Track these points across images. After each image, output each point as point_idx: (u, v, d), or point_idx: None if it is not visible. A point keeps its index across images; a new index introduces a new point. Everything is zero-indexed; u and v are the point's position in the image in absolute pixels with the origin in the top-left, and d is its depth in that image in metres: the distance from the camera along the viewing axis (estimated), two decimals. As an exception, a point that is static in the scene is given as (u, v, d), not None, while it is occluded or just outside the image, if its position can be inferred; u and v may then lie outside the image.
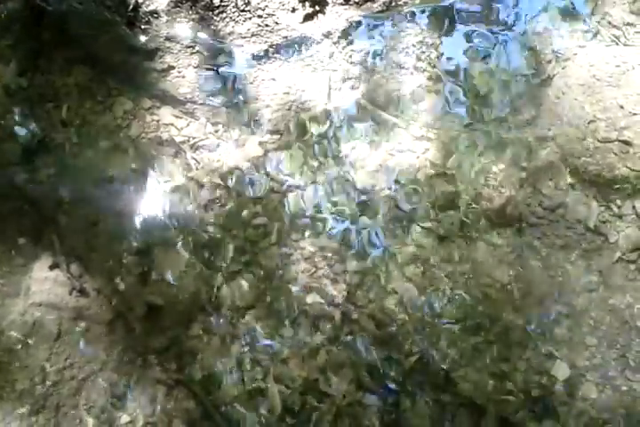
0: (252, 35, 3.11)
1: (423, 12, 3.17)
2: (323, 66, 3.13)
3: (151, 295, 2.89)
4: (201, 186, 3.05)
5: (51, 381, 2.70)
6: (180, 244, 2.97)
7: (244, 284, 2.90)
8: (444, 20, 3.17)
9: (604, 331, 2.69)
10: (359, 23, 3.15)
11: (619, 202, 2.81)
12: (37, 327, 2.77)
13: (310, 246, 2.94)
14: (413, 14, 3.17)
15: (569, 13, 3.12)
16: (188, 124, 3.14)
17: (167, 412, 2.73)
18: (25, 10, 3.21)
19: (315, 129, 3.08)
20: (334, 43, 3.13)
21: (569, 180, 2.87)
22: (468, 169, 2.96)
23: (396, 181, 2.99)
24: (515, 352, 2.71)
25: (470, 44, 3.15)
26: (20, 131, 3.13)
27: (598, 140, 2.87)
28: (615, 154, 2.84)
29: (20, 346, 2.73)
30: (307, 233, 2.96)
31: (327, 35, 3.12)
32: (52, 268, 2.86)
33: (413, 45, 3.14)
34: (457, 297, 2.80)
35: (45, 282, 2.84)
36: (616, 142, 2.85)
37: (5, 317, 2.78)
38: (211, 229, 2.98)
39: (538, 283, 2.78)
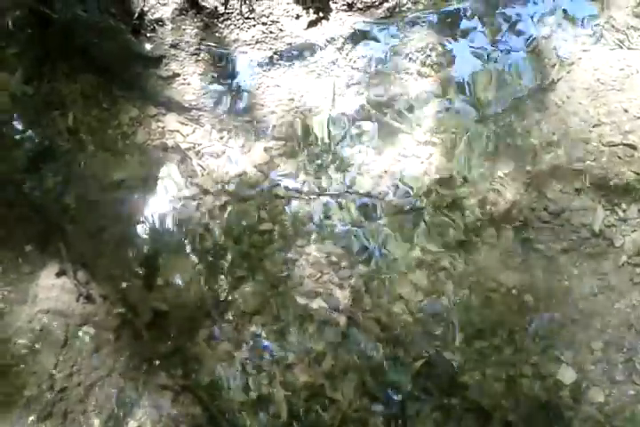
0: (257, 42, 3.13)
1: (426, 17, 3.18)
2: (327, 72, 3.14)
3: (157, 301, 2.89)
4: (206, 192, 3.06)
5: (58, 387, 2.70)
6: (185, 250, 2.98)
7: (250, 289, 2.90)
8: (447, 25, 3.18)
9: (610, 335, 2.69)
10: (363, 29, 3.16)
11: (624, 206, 2.81)
12: (45, 334, 2.78)
13: (315, 252, 2.94)
14: (417, 20, 3.18)
15: (573, 17, 3.13)
16: (193, 131, 3.15)
17: (174, 418, 2.73)
18: (30, 18, 3.23)
19: (319, 135, 3.09)
20: (338, 49, 3.14)
21: (574, 184, 2.87)
22: (472, 173, 2.97)
23: (401, 186, 2.99)
24: (521, 357, 2.70)
25: (474, 49, 3.16)
26: (27, 138, 3.14)
27: (603, 144, 2.88)
28: (620, 158, 2.85)
29: (27, 353, 2.74)
30: (312, 238, 2.96)
31: (331, 41, 3.14)
32: (58, 275, 2.87)
33: (417, 51, 3.15)
34: (462, 301, 2.80)
35: (52, 289, 2.85)
36: (621, 146, 2.86)
37: (13, 324, 2.79)
38: (216, 235, 2.99)
39: (543, 287, 2.78)
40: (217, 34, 3.11)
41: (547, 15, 3.16)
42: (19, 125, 3.15)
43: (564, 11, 3.15)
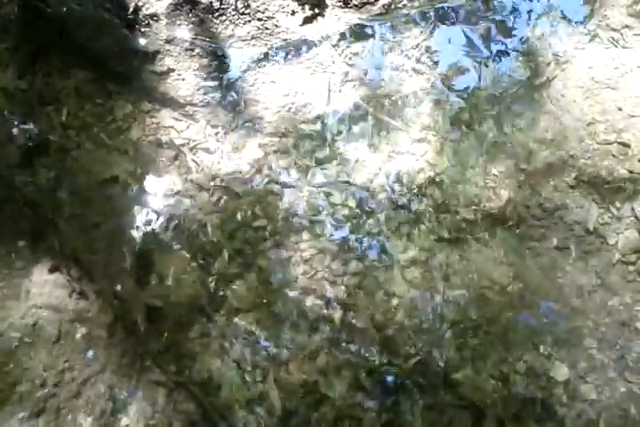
0: (252, 37, 3.12)
1: (422, 14, 3.18)
2: (322, 68, 3.13)
3: (151, 298, 2.89)
4: (200, 188, 3.05)
5: (51, 383, 2.69)
6: (179, 246, 2.98)
7: (244, 286, 2.90)
8: (443, 22, 3.18)
9: (603, 332, 2.69)
10: (358, 26, 3.16)
11: (618, 204, 2.82)
12: (37, 330, 2.77)
13: (310, 249, 2.94)
14: (412, 17, 3.17)
15: (568, 16, 3.13)
16: (187, 127, 3.14)
17: (167, 414, 2.73)
18: (24, 12, 3.21)
19: (314, 131, 3.09)
20: (334, 45, 3.14)
21: (568, 182, 2.88)
22: (467, 171, 2.97)
23: (396, 184, 2.99)
24: (514, 354, 2.71)
25: (469, 47, 3.15)
26: (20, 134, 3.13)
27: (597, 143, 2.89)
28: (614, 156, 2.85)
29: (19, 349, 2.73)
30: (306, 235, 2.96)
31: (326, 37, 3.13)
32: (51, 270, 2.86)
33: (412, 48, 3.15)
34: (456, 299, 2.80)
35: (45, 285, 2.84)
36: (615, 144, 2.87)
37: (5, 319, 2.77)
38: (210, 231, 2.99)
39: (537, 285, 2.79)
40: (212, 29, 3.10)
41: (542, 13, 3.16)
42: (12, 121, 3.13)
43: (560, 9, 3.15)
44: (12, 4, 3.20)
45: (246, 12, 3.07)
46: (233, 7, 3.06)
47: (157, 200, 3.05)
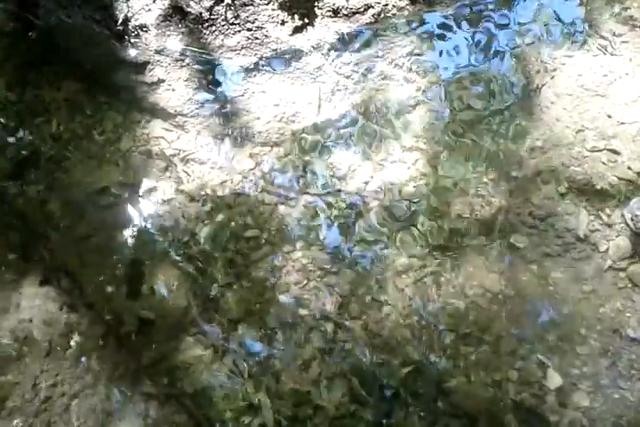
0: (242, 47, 3.12)
1: (412, 23, 3.18)
2: (313, 78, 3.14)
3: (142, 309, 2.88)
4: (192, 199, 3.05)
5: (42, 397, 2.67)
6: (171, 257, 2.97)
7: (236, 297, 2.90)
8: (433, 31, 3.19)
9: (595, 339, 2.70)
10: (348, 35, 3.16)
11: (608, 211, 2.82)
12: (28, 343, 2.74)
13: (302, 258, 2.94)
14: (403, 26, 3.18)
15: (557, 23, 3.14)
16: (178, 137, 3.14)
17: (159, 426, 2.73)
18: (14, 24, 3.21)
19: (305, 141, 3.09)
20: (324, 55, 3.14)
21: (558, 189, 2.88)
22: (458, 179, 2.97)
23: (388, 192, 2.99)
24: (506, 362, 2.71)
25: (459, 55, 3.16)
26: (10, 145, 3.12)
27: (587, 150, 2.89)
28: (604, 163, 2.86)
29: (9, 363, 2.71)
30: (298, 245, 2.96)
31: (317, 47, 3.13)
32: (42, 283, 2.84)
33: (403, 56, 3.15)
34: (449, 307, 2.80)
35: (36, 297, 2.82)
36: (604, 151, 2.87)
37: (-5, 333, 2.78)
38: (202, 242, 2.98)
39: (529, 292, 2.79)
40: (202, 40, 3.10)
41: (531, 21, 3.17)
42: (2, 132, 3.13)
43: (549, 17, 3.16)
44: (2, 16, 3.20)
45: (236, 22, 3.07)
46: (222, 17, 3.06)
47: (148, 211, 3.05)
